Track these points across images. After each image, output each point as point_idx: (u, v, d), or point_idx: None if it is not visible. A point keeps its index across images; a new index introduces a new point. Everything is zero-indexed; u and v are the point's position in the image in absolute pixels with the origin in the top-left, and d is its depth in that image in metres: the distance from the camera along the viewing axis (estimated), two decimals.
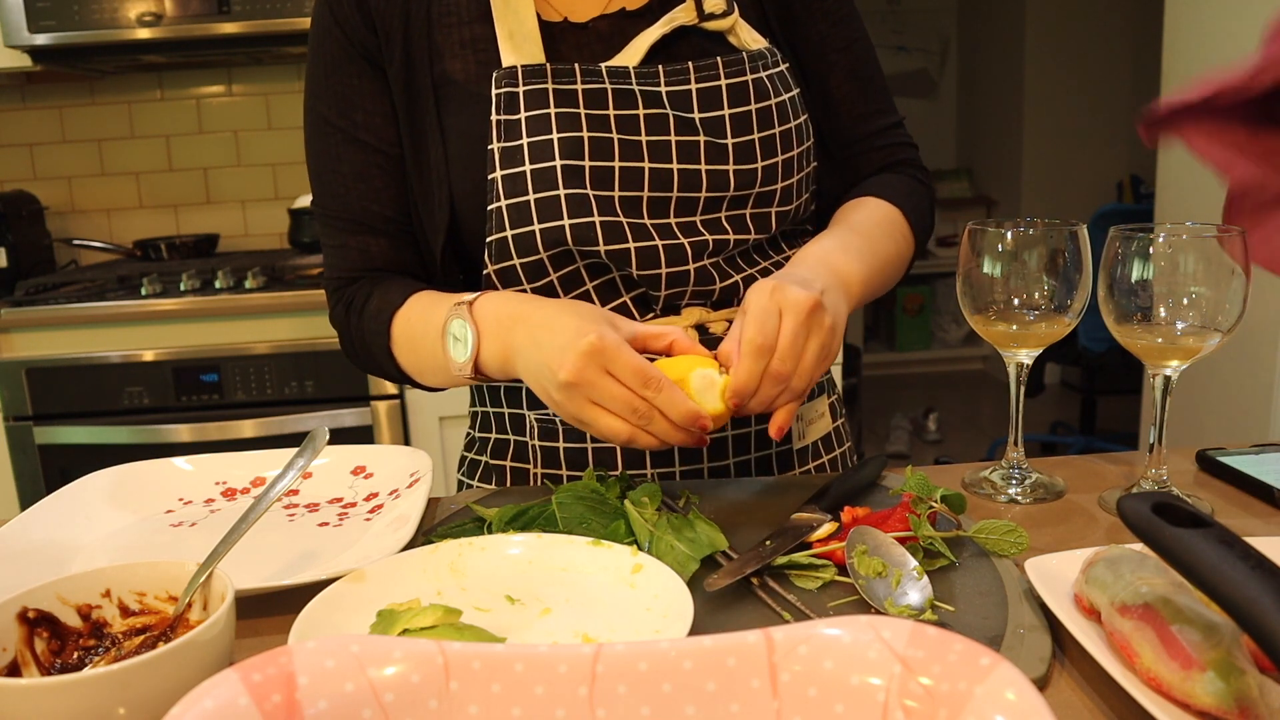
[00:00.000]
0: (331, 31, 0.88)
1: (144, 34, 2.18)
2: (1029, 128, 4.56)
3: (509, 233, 0.84)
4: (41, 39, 2.17)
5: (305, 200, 2.52)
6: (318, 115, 0.90)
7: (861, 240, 0.87)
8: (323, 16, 0.89)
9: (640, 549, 0.69)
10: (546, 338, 0.73)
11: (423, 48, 0.87)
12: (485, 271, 0.87)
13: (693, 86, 0.86)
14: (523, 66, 0.84)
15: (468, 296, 0.81)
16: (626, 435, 0.71)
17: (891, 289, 0.95)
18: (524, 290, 0.87)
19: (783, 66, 0.90)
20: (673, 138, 0.85)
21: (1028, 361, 0.83)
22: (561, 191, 0.82)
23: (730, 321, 0.89)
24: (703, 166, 0.85)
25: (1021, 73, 4.52)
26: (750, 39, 0.89)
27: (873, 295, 0.89)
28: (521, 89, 0.83)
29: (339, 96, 0.89)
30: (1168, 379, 0.79)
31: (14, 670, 0.55)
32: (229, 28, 2.19)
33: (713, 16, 0.87)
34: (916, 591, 0.64)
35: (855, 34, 0.96)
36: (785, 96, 0.89)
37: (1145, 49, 4.20)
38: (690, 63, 0.86)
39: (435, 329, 0.83)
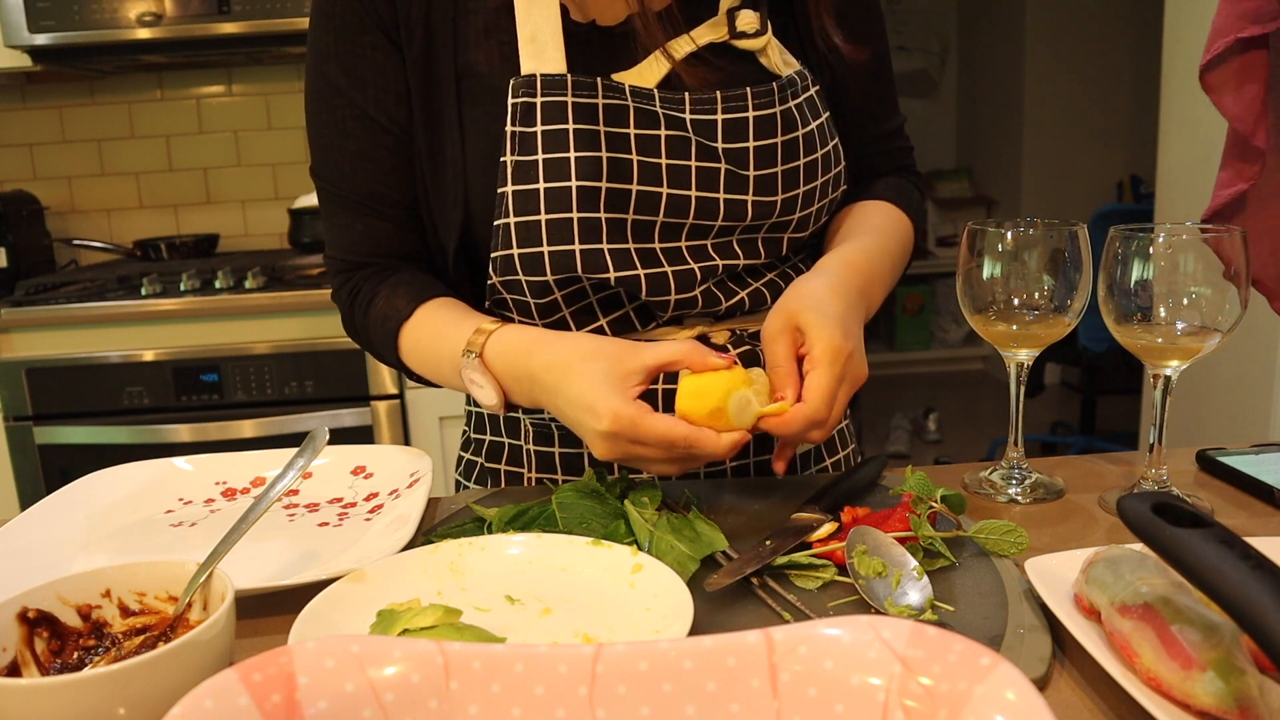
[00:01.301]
0: None
1: (144, 34, 2.19)
2: (1029, 128, 4.56)
3: (515, 251, 0.81)
4: (41, 39, 2.17)
5: (305, 200, 2.52)
6: (326, 81, 0.85)
7: (889, 268, 0.89)
8: None
9: (640, 549, 0.69)
10: (566, 409, 0.74)
11: (447, 34, 0.83)
12: (490, 282, 0.85)
13: (719, 116, 0.83)
14: (541, 76, 0.80)
15: (474, 341, 0.79)
16: (677, 472, 0.73)
17: (891, 291, 0.95)
18: (526, 302, 0.85)
19: (813, 90, 0.87)
20: (693, 163, 0.82)
21: (1028, 361, 0.83)
22: (575, 215, 0.80)
23: (733, 331, 0.88)
24: (721, 195, 0.83)
25: (1021, 73, 4.52)
26: (782, 61, 0.86)
27: None
28: (539, 100, 0.80)
29: (350, 65, 0.84)
30: (1168, 379, 0.79)
31: (14, 670, 0.55)
32: (229, 28, 2.19)
33: (745, 35, 0.84)
34: (916, 591, 0.64)
35: (874, 34, 0.94)
36: (813, 125, 0.86)
37: (1145, 49, 4.20)
38: (719, 92, 0.83)
39: (449, 363, 0.82)
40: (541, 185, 0.80)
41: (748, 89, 0.84)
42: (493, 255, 0.83)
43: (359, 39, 0.84)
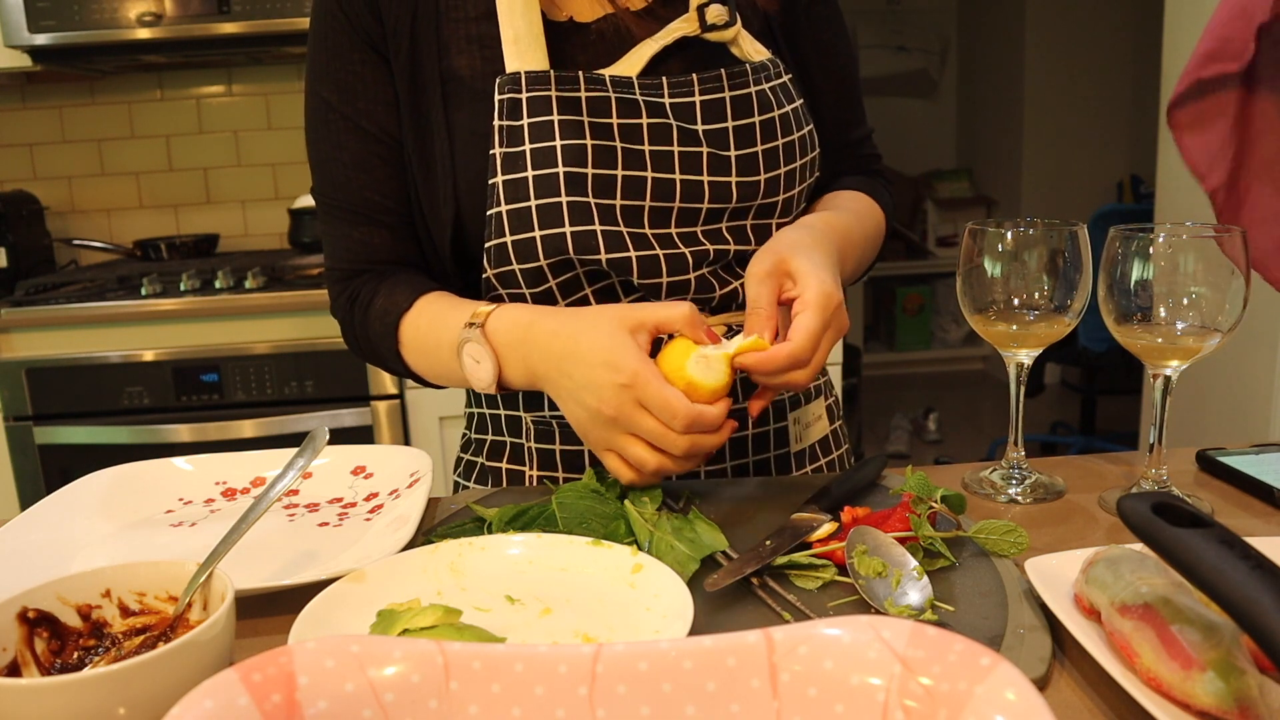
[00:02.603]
0: (335, 14, 0.87)
1: (144, 34, 2.18)
2: (1029, 128, 4.56)
3: (509, 238, 0.83)
4: (41, 39, 2.17)
5: (305, 200, 2.52)
6: (320, 99, 0.89)
7: (863, 239, 0.90)
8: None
9: (640, 549, 0.69)
10: (574, 369, 0.74)
11: (430, 40, 0.86)
12: (484, 275, 0.86)
13: (696, 99, 0.86)
14: (526, 73, 0.83)
15: (479, 312, 0.81)
16: (654, 465, 0.73)
17: (891, 291, 0.97)
18: (522, 294, 0.86)
19: (785, 78, 0.90)
20: (675, 148, 0.85)
21: (1028, 361, 0.83)
22: (564, 199, 0.82)
23: (730, 327, 0.89)
24: (705, 178, 0.85)
25: (1021, 73, 4.52)
26: (753, 50, 0.89)
27: None
28: (525, 95, 0.83)
29: (341, 82, 0.88)
30: (1168, 379, 0.79)
31: (14, 670, 0.55)
32: (229, 28, 2.19)
33: (715, 28, 0.87)
34: (916, 591, 0.64)
35: (843, 45, 0.98)
36: (789, 108, 0.89)
37: (1145, 49, 4.20)
38: (695, 74, 0.86)
39: (448, 346, 0.83)
40: (530, 173, 0.82)
41: (722, 70, 0.87)
42: (486, 246, 0.85)
43: (349, 56, 0.87)
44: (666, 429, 0.71)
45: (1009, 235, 0.80)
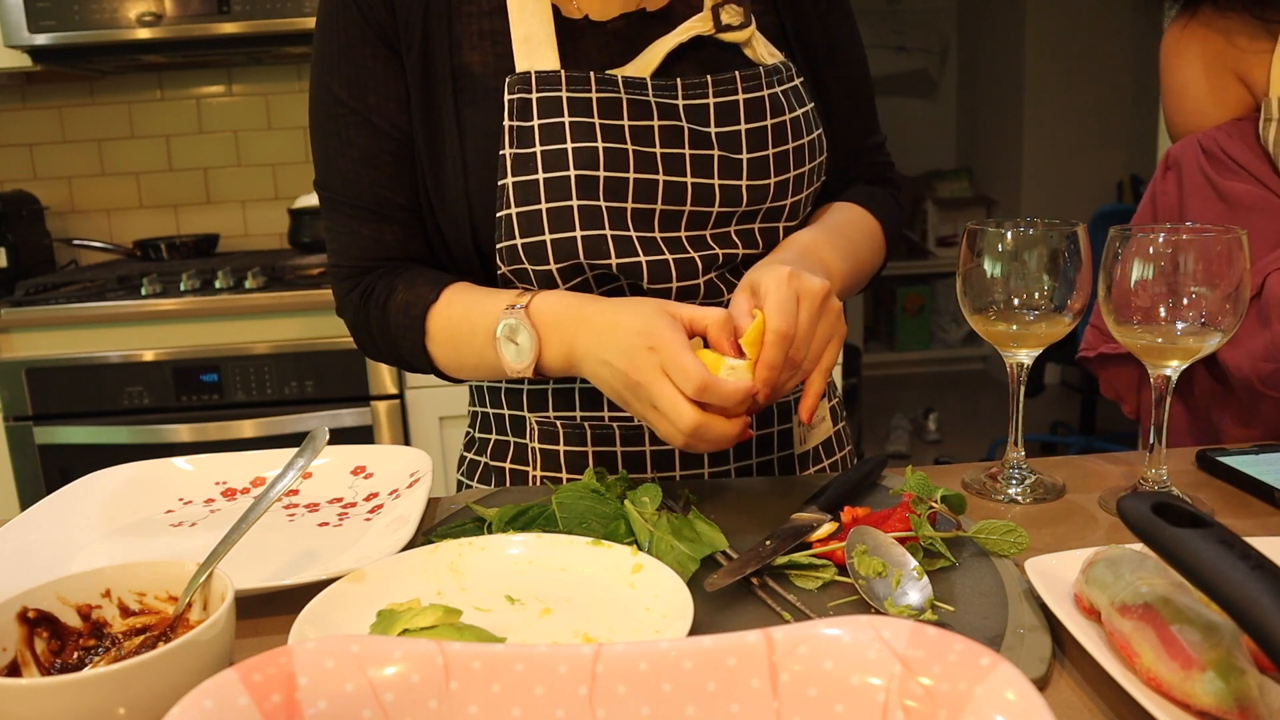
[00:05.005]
0: (347, 7, 0.86)
1: (144, 34, 2.19)
2: (1029, 128, 4.56)
3: (519, 240, 0.83)
4: (41, 39, 2.17)
5: (305, 200, 2.52)
6: (328, 93, 0.87)
7: (844, 241, 0.89)
8: None
9: (640, 549, 0.69)
10: (610, 339, 0.74)
11: (443, 36, 0.85)
12: (500, 272, 0.86)
13: (710, 101, 0.85)
14: (536, 72, 0.82)
15: (521, 298, 0.81)
16: (682, 442, 0.72)
17: (891, 291, 0.96)
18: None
19: (797, 81, 0.90)
20: (687, 151, 0.84)
21: (1028, 361, 0.83)
22: (575, 202, 0.81)
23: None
24: (716, 181, 0.85)
25: (1021, 73, 4.52)
26: (766, 52, 0.88)
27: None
28: (535, 95, 0.82)
29: (352, 77, 0.86)
30: (1168, 379, 0.79)
31: (14, 670, 0.55)
32: (229, 28, 2.19)
33: (729, 28, 0.86)
34: (916, 591, 0.64)
35: (857, 52, 0.97)
36: (800, 112, 0.88)
37: (1145, 50, 4.20)
38: (709, 76, 0.85)
39: (484, 330, 0.82)
40: (541, 175, 0.82)
41: (736, 72, 0.86)
42: (498, 246, 0.85)
43: (360, 50, 0.86)
44: (678, 398, 0.70)
45: (1009, 235, 0.80)
